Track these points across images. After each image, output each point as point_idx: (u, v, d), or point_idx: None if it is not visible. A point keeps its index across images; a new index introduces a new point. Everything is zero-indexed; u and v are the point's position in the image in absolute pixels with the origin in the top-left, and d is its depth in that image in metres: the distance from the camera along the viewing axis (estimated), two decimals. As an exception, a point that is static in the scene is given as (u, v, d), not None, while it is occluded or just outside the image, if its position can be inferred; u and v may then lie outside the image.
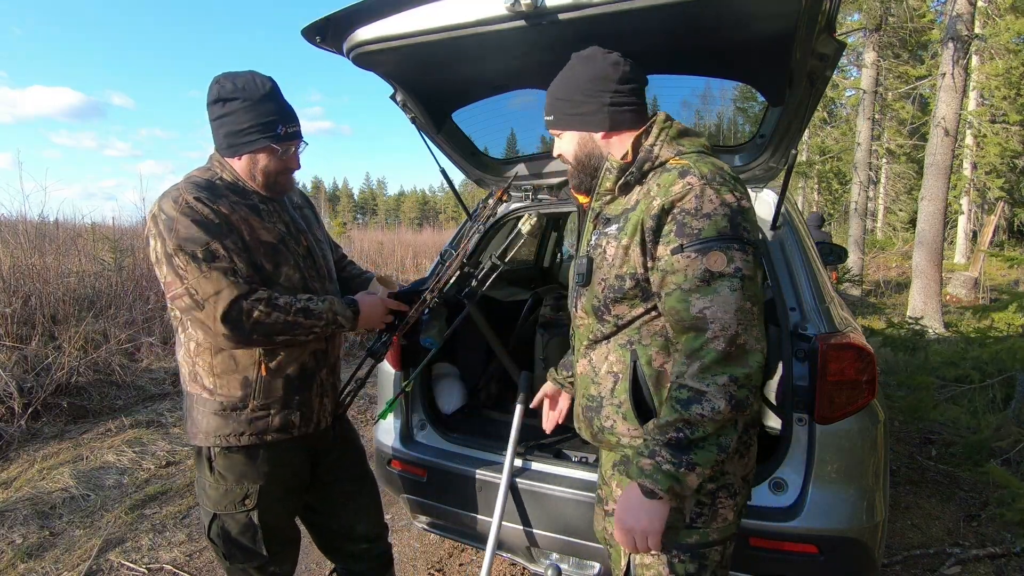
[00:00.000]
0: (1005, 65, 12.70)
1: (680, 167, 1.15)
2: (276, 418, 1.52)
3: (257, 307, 1.37)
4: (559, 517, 1.92)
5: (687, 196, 1.10)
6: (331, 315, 1.49)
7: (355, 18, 1.58)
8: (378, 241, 13.40)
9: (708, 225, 1.08)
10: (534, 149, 2.53)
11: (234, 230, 1.42)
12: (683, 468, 1.05)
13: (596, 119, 1.27)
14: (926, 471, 3.49)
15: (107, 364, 4.66)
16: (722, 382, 1.04)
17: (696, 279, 1.07)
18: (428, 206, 79.56)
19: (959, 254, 16.77)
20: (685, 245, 1.09)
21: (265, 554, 1.55)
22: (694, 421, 1.05)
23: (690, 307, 1.07)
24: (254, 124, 1.46)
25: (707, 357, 1.05)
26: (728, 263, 1.06)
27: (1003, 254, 10.68)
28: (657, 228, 1.13)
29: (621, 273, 1.19)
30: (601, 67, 1.25)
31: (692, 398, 1.05)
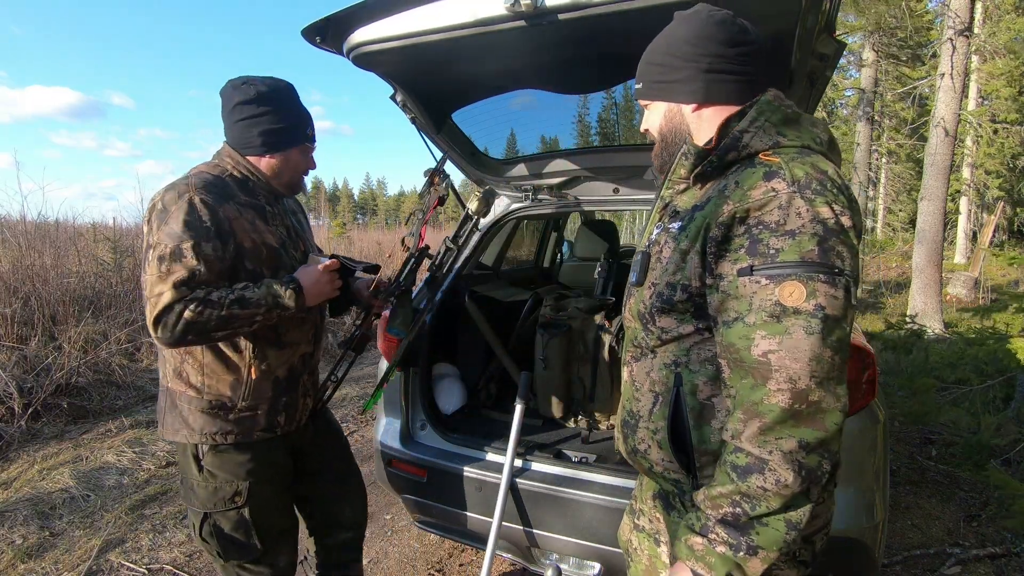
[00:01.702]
0: (1006, 65, 12.71)
1: (769, 166, 0.93)
2: (263, 418, 1.54)
3: (188, 307, 1.35)
4: (559, 517, 1.92)
5: (769, 205, 0.89)
6: (270, 299, 1.42)
7: (355, 18, 1.58)
8: (377, 241, 13.39)
9: (790, 246, 0.86)
10: (534, 149, 2.53)
11: (229, 235, 1.42)
12: (742, 552, 0.85)
13: (689, 88, 1.04)
14: (926, 471, 3.49)
15: (107, 364, 4.66)
16: (788, 448, 0.84)
17: (765, 313, 0.86)
18: (428, 206, 79.38)
19: (959, 254, 16.77)
20: (756, 267, 0.88)
21: (260, 547, 1.57)
22: (754, 495, 0.85)
23: (752, 347, 0.86)
24: (292, 124, 1.55)
25: (769, 415, 0.85)
26: (808, 297, 0.84)
27: (1003, 254, 10.67)
28: (724, 239, 0.92)
29: (673, 281, 1.00)
30: (703, 25, 1.02)
31: (751, 466, 0.85)
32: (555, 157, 2.44)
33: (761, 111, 0.99)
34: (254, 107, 1.50)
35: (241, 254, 1.46)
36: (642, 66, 1.11)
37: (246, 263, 1.47)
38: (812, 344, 0.84)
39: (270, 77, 1.56)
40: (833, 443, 0.86)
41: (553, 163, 2.44)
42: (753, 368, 0.87)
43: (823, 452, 0.85)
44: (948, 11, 7.82)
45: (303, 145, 1.58)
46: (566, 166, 2.42)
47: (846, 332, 0.87)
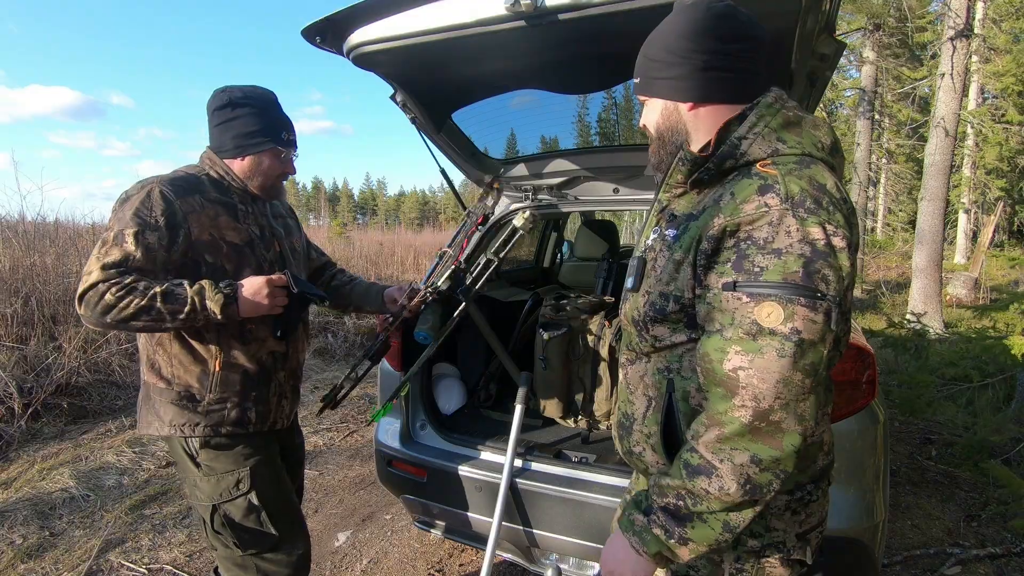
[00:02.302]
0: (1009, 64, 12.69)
1: (765, 178, 0.90)
2: (232, 412, 1.55)
3: (111, 290, 1.35)
4: (559, 517, 1.92)
5: (759, 221, 0.87)
6: (197, 299, 1.39)
7: (355, 18, 1.58)
8: (378, 241, 13.39)
9: (775, 265, 0.85)
10: (534, 149, 2.53)
11: (180, 227, 1.44)
12: (674, 540, 0.91)
13: (685, 85, 1.00)
14: (926, 471, 3.49)
15: (107, 364, 4.67)
16: (740, 460, 0.86)
17: (742, 329, 0.86)
18: (428, 206, 79.57)
19: (959, 254, 16.77)
20: (739, 283, 0.87)
21: (275, 533, 1.59)
22: (697, 494, 0.89)
23: (725, 360, 0.87)
24: (261, 127, 1.57)
25: (728, 426, 0.87)
26: (785, 320, 0.84)
27: (1003, 254, 10.68)
28: (713, 252, 0.92)
29: (666, 291, 0.99)
30: (702, 19, 0.98)
31: (701, 467, 0.89)
32: (555, 157, 2.44)
33: (761, 115, 0.96)
34: (228, 111, 1.56)
35: (197, 247, 1.48)
36: (640, 60, 1.07)
37: (206, 256, 1.50)
38: (782, 366, 0.84)
39: (250, 86, 1.60)
40: (787, 463, 0.87)
41: (553, 163, 2.44)
42: (721, 380, 0.88)
43: (776, 471, 0.87)
44: (948, 11, 7.82)
45: (274, 148, 1.59)
46: (566, 166, 2.42)
47: (821, 356, 0.86)
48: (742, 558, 1.05)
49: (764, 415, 0.85)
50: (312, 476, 3.50)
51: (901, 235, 20.32)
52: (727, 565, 1.05)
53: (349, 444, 4.01)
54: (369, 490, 3.34)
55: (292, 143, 1.64)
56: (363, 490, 3.35)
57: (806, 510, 1.05)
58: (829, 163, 0.97)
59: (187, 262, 1.48)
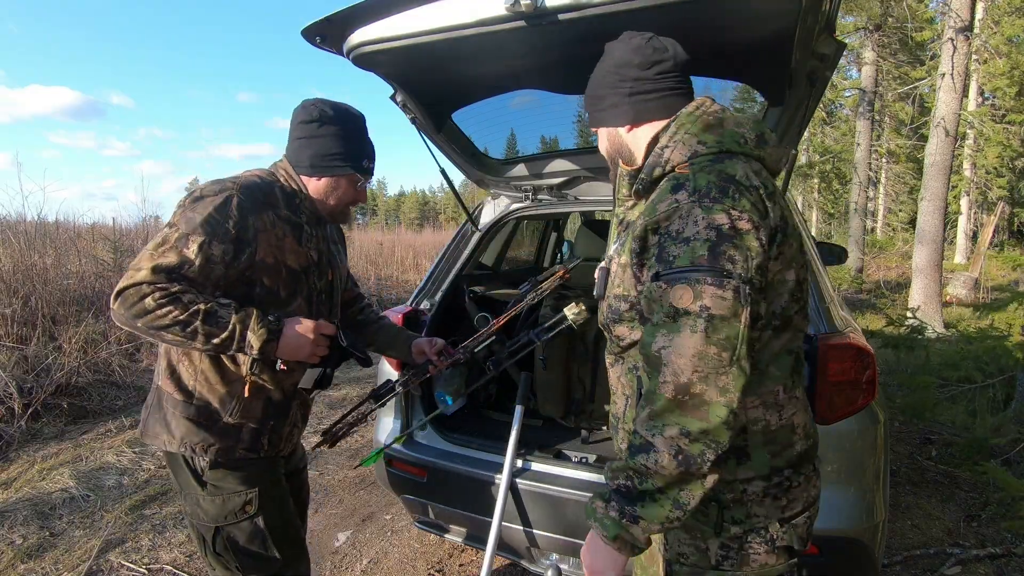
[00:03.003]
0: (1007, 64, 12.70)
1: (679, 178, 1.01)
2: (247, 437, 1.47)
3: (154, 294, 1.26)
4: (559, 517, 1.92)
5: (672, 216, 0.97)
6: (238, 328, 1.30)
7: (355, 18, 1.58)
8: (378, 241, 13.40)
9: (684, 252, 0.94)
10: (534, 149, 2.53)
11: (248, 245, 1.36)
12: (626, 519, 0.94)
13: (618, 112, 1.14)
14: (926, 471, 3.49)
15: (107, 364, 4.67)
16: (669, 434, 0.91)
17: (664, 313, 0.95)
18: (428, 206, 79.59)
19: (959, 254, 16.77)
20: (660, 273, 0.96)
21: (278, 557, 1.51)
22: (640, 471, 0.94)
23: (652, 343, 0.95)
24: (347, 151, 1.50)
25: (656, 403, 0.93)
26: (694, 299, 0.91)
27: (1004, 254, 10.68)
28: (642, 250, 1.02)
29: (619, 294, 1.10)
30: (621, 54, 1.12)
31: (641, 445, 0.94)
32: (555, 157, 2.44)
33: (680, 124, 1.08)
34: (314, 127, 1.48)
35: (259, 269, 1.40)
36: (585, 99, 1.23)
37: (264, 279, 1.41)
38: (696, 342, 0.91)
39: (342, 103, 1.53)
40: (718, 433, 0.91)
41: (553, 163, 2.45)
42: (651, 361, 0.96)
43: (706, 441, 0.91)
44: (949, 11, 7.82)
45: (352, 175, 1.52)
46: (566, 166, 2.42)
47: (736, 330, 0.92)
48: (726, 545, 1.08)
49: (685, 388, 0.91)
50: (312, 476, 3.50)
51: (901, 235, 20.34)
52: (712, 552, 1.09)
53: (349, 444, 4.01)
54: (369, 490, 3.34)
55: (370, 171, 1.57)
56: (363, 490, 3.35)
57: (787, 496, 1.08)
58: (754, 155, 1.06)
59: (243, 280, 1.39)
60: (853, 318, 2.19)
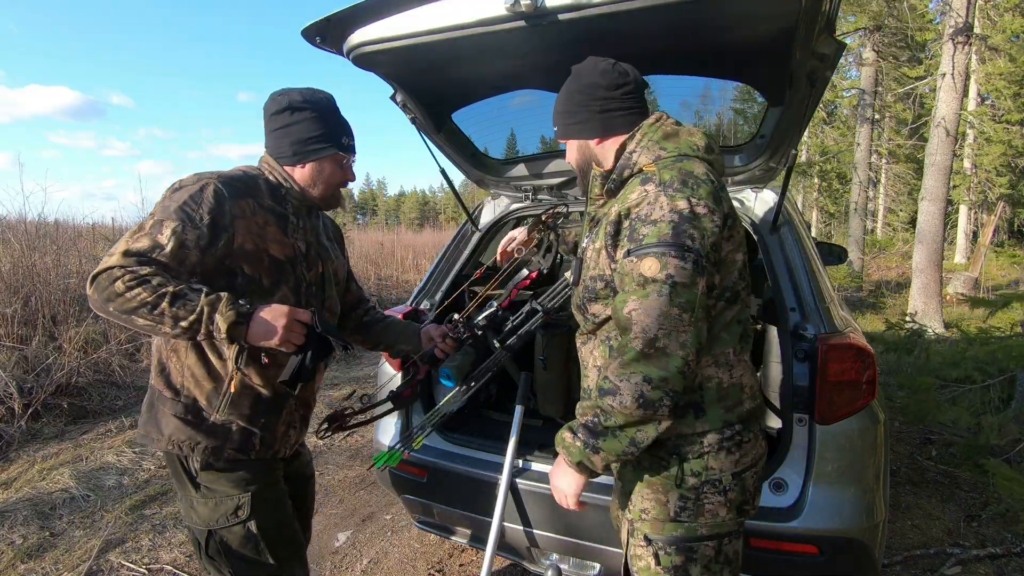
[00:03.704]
0: (1007, 66, 12.71)
1: (647, 174, 1.20)
2: (236, 435, 1.45)
3: (124, 277, 1.24)
4: (559, 517, 1.92)
5: (642, 203, 1.16)
6: (206, 309, 1.25)
7: (355, 18, 1.59)
8: (378, 242, 13.40)
9: (652, 231, 1.12)
10: (534, 149, 2.53)
11: (224, 230, 1.35)
12: (588, 450, 1.16)
13: (589, 126, 1.32)
14: (926, 471, 3.49)
15: (107, 364, 4.67)
16: (635, 380, 1.09)
17: (634, 282, 1.12)
18: (428, 206, 79.58)
19: (959, 254, 16.78)
20: (632, 250, 1.14)
21: (272, 562, 1.49)
22: (606, 410, 1.12)
23: (624, 307, 1.12)
24: (323, 132, 1.49)
25: (627, 355, 1.10)
26: (661, 269, 1.09)
27: (1004, 253, 10.68)
28: (615, 233, 1.21)
29: (594, 275, 1.27)
30: (590, 77, 1.30)
31: (609, 389, 1.12)
32: (555, 157, 2.44)
33: (644, 133, 1.27)
34: (287, 116, 1.48)
35: (238, 255, 1.39)
36: (555, 115, 1.39)
37: (244, 267, 1.40)
38: (661, 304, 1.09)
39: (308, 88, 1.52)
40: (675, 382, 1.09)
41: (553, 163, 2.45)
42: (623, 323, 1.13)
43: (665, 389, 1.09)
44: (949, 11, 7.82)
45: (335, 155, 1.51)
46: (566, 166, 2.42)
47: (695, 296, 1.10)
48: (685, 496, 1.22)
49: (651, 343, 1.08)
50: (312, 476, 3.50)
51: (901, 235, 20.33)
52: (671, 505, 1.23)
53: (349, 444, 4.01)
54: (369, 490, 3.34)
55: (352, 148, 1.56)
56: (363, 490, 3.35)
57: (740, 450, 1.24)
58: (705, 159, 1.25)
59: (223, 269, 1.38)
60: (853, 318, 2.19)
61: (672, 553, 1.23)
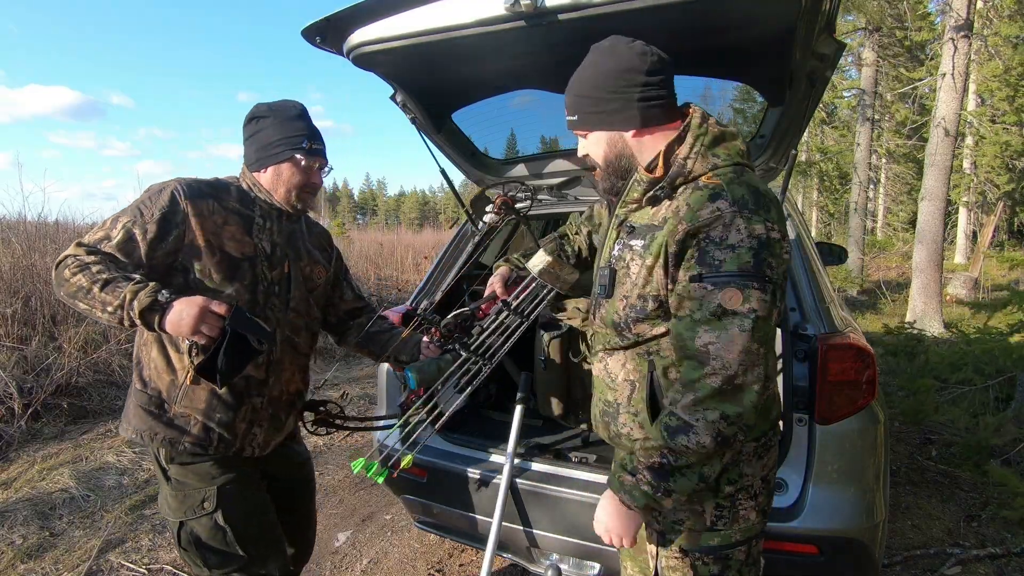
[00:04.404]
0: (1002, 66, 12.71)
1: (712, 188, 1.09)
2: (194, 428, 1.48)
3: (70, 266, 1.34)
4: (559, 517, 1.92)
5: (715, 223, 1.05)
6: (129, 296, 1.29)
7: (355, 18, 1.59)
8: (378, 242, 13.39)
9: (731, 258, 1.03)
10: (534, 149, 2.53)
11: (177, 227, 1.42)
12: (660, 493, 1.08)
13: (625, 116, 1.17)
14: (926, 471, 3.49)
15: (107, 365, 4.66)
16: (712, 418, 1.03)
17: (708, 312, 1.04)
18: (428, 206, 79.57)
19: (959, 254, 16.77)
20: (704, 275, 1.05)
21: (243, 555, 1.54)
22: (678, 451, 1.05)
23: (696, 338, 1.05)
24: (282, 138, 1.55)
25: (701, 391, 1.03)
26: (743, 302, 1.02)
27: (1004, 254, 10.68)
28: (680, 252, 1.10)
29: (644, 293, 1.16)
30: (627, 58, 1.15)
31: (680, 428, 1.05)
32: (555, 157, 2.44)
33: (696, 136, 1.15)
34: (253, 125, 1.57)
35: (188, 252, 1.44)
36: (574, 99, 1.23)
37: (194, 263, 1.44)
38: (744, 339, 1.02)
39: (279, 100, 1.60)
40: (749, 416, 1.04)
41: (553, 163, 2.45)
42: (694, 354, 1.06)
43: (740, 424, 1.04)
44: (950, 11, 7.82)
45: (292, 158, 1.54)
46: (566, 166, 2.42)
47: (771, 327, 1.06)
48: (720, 505, 1.20)
49: (731, 379, 1.02)
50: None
51: (901, 235, 20.33)
52: (708, 514, 1.20)
53: (349, 444, 4.01)
54: (369, 490, 3.34)
55: (317, 152, 1.58)
56: (363, 490, 3.35)
57: (768, 455, 1.23)
58: (752, 167, 1.18)
59: (174, 265, 1.44)
60: (853, 318, 2.19)
61: (710, 563, 1.22)
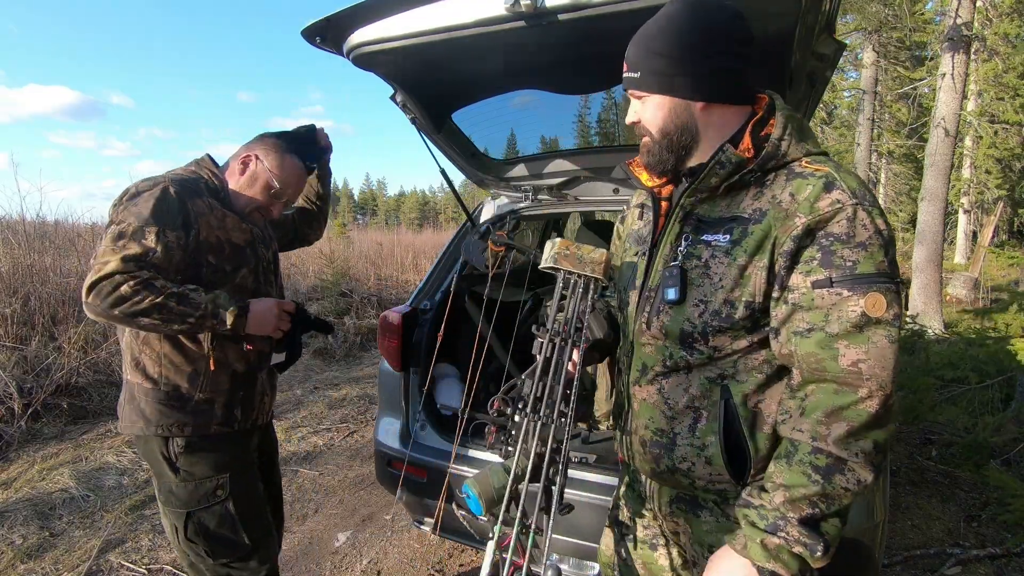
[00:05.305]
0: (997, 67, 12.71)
1: (823, 176, 0.93)
2: (220, 411, 1.55)
3: (128, 282, 1.33)
4: (559, 518, 1.91)
5: (837, 217, 0.90)
6: (211, 307, 1.41)
7: (355, 19, 1.58)
8: (378, 242, 13.38)
9: (864, 257, 0.89)
10: (534, 149, 2.53)
11: (192, 227, 1.46)
12: (819, 552, 0.88)
13: (700, 84, 0.99)
14: (926, 471, 3.49)
15: (107, 364, 4.66)
16: (868, 449, 0.88)
17: (848, 323, 0.88)
18: (428, 206, 79.55)
19: (959, 254, 16.76)
20: (835, 279, 0.89)
21: (248, 543, 1.58)
22: (835, 495, 0.89)
23: (839, 357, 0.89)
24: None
25: (857, 420, 0.87)
26: (888, 308, 0.88)
27: (1003, 254, 10.68)
28: (796, 251, 0.93)
29: (732, 298, 0.98)
30: (719, 18, 0.98)
31: (833, 466, 0.88)
32: (555, 157, 2.44)
33: (788, 117, 0.99)
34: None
35: (203, 247, 1.48)
36: (640, 53, 1.02)
37: (208, 257, 1.50)
38: (895, 352, 0.88)
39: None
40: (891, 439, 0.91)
41: (553, 163, 2.44)
42: (839, 377, 0.89)
43: (887, 449, 0.91)
44: (950, 11, 7.82)
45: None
46: (566, 166, 2.42)
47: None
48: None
49: (888, 400, 0.88)
50: (312, 476, 3.50)
51: (901, 235, 20.31)
52: None
53: (349, 444, 4.01)
54: (369, 490, 3.34)
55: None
56: (363, 490, 3.35)
57: None
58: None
59: (191, 262, 1.48)
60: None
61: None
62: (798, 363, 0.94)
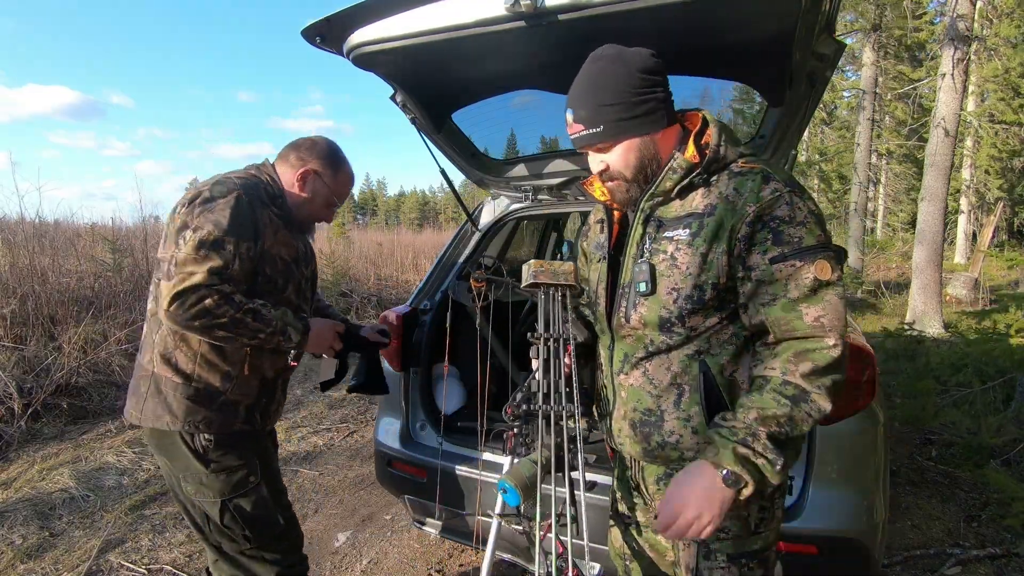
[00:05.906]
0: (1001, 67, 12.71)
1: (759, 171, 1.12)
2: (243, 411, 1.59)
3: (211, 296, 1.39)
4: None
5: (778, 203, 1.08)
6: (280, 324, 1.49)
7: (355, 18, 1.58)
8: (377, 242, 13.38)
9: (806, 233, 1.07)
10: (534, 149, 2.53)
11: (258, 237, 1.50)
12: (778, 467, 1.02)
13: (655, 117, 1.15)
14: (926, 472, 3.49)
15: (107, 364, 4.66)
16: (828, 384, 1.04)
17: (805, 288, 1.06)
18: (428, 207, 79.57)
19: (959, 254, 16.77)
20: (788, 254, 1.06)
21: (282, 523, 1.66)
22: (798, 419, 1.03)
23: (803, 316, 1.06)
24: None
25: (822, 360, 1.04)
26: (833, 271, 1.06)
27: (1003, 254, 10.69)
28: (751, 235, 1.09)
29: (700, 282, 1.12)
30: (641, 60, 1.13)
31: (799, 396, 1.03)
32: (555, 157, 2.44)
33: (721, 128, 1.17)
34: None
35: (264, 258, 1.53)
36: (597, 110, 1.14)
37: (266, 268, 1.54)
38: (843, 305, 1.07)
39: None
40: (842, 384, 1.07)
41: (553, 163, 2.44)
42: (808, 332, 1.06)
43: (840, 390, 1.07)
44: (950, 11, 7.82)
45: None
46: (566, 166, 2.42)
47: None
48: (763, 507, 1.18)
49: (846, 346, 1.06)
50: (312, 476, 3.50)
51: (901, 235, 20.32)
52: (752, 518, 1.18)
53: (349, 444, 4.01)
54: (369, 490, 3.34)
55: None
56: (363, 490, 3.35)
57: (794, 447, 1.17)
58: None
59: (250, 272, 1.51)
60: (853, 318, 2.19)
61: (755, 567, 1.20)
62: (770, 327, 1.10)
